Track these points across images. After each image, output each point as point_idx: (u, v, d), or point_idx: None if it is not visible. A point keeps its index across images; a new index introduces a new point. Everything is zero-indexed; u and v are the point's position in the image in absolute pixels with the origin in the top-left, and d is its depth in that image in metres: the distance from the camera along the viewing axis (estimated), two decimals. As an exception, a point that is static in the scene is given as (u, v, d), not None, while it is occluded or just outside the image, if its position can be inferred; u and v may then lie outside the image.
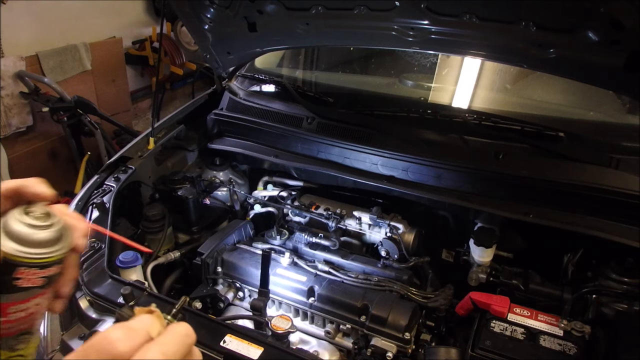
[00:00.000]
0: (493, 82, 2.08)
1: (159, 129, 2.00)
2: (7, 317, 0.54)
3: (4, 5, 3.07)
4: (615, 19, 1.13)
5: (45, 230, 0.54)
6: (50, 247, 0.54)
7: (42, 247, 0.53)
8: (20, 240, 0.52)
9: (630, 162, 1.47)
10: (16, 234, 0.52)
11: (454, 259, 1.74)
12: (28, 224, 0.53)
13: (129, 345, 0.41)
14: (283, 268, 1.59)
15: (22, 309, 0.55)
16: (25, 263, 0.52)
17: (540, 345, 1.22)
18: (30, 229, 0.53)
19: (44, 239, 0.53)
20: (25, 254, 0.52)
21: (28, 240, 0.53)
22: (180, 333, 0.43)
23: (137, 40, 4.37)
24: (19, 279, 0.53)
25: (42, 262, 0.53)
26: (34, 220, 0.54)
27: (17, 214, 0.54)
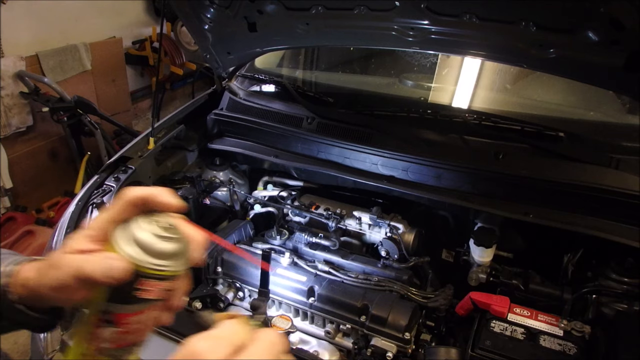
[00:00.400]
0: (493, 82, 2.08)
1: (159, 129, 2.00)
2: (124, 327, 0.53)
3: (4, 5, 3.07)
4: (615, 19, 1.13)
5: (170, 243, 0.52)
6: (173, 259, 0.52)
7: (166, 259, 0.52)
8: (146, 250, 0.51)
9: (630, 162, 1.47)
10: (142, 243, 0.51)
11: (454, 259, 1.74)
12: (155, 234, 0.52)
13: (216, 356, 0.40)
14: (283, 268, 1.59)
15: (139, 320, 0.54)
16: (148, 274, 0.51)
17: (540, 345, 1.22)
18: (156, 240, 0.51)
19: (168, 251, 0.52)
20: (150, 265, 0.51)
21: (154, 251, 0.51)
22: (269, 341, 0.42)
23: (137, 40, 4.38)
24: (139, 290, 0.51)
25: (164, 274, 0.52)
26: (161, 230, 0.52)
27: (143, 222, 0.52)
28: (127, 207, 0.54)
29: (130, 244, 0.51)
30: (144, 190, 0.54)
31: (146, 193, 0.54)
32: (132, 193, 0.54)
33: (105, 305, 0.52)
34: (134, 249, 0.51)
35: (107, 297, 0.52)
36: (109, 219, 0.54)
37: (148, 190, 0.54)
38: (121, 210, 0.54)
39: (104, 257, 0.51)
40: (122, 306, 0.52)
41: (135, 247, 0.51)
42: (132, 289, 0.51)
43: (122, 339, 0.54)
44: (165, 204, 0.54)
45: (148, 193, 0.54)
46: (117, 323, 0.53)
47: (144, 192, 0.54)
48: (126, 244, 0.51)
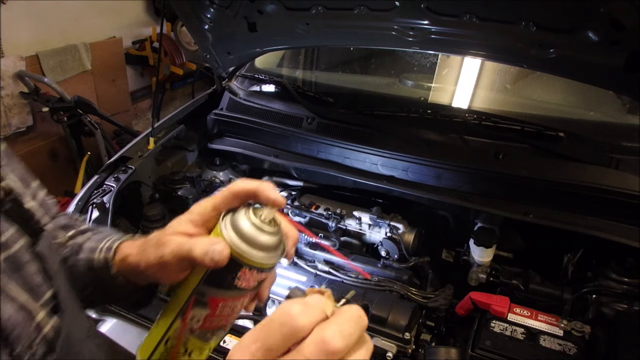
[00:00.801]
0: (493, 82, 2.08)
1: (159, 129, 2.00)
2: (216, 310, 0.55)
3: (4, 5, 3.07)
4: (615, 19, 1.13)
5: (272, 236, 0.54)
6: (272, 252, 0.54)
7: (266, 252, 0.54)
8: (249, 241, 0.53)
9: (630, 162, 1.47)
10: (246, 234, 0.53)
11: (454, 259, 1.74)
12: (258, 227, 0.53)
13: (308, 319, 0.42)
14: (283, 268, 1.59)
15: (231, 306, 0.56)
16: (249, 264, 0.53)
17: (540, 345, 1.22)
18: (259, 232, 0.53)
19: (269, 244, 0.54)
20: (252, 256, 0.52)
21: (256, 243, 0.53)
22: (354, 315, 0.43)
23: (137, 40, 4.38)
24: (238, 278, 0.53)
25: (263, 266, 0.54)
26: (264, 224, 0.54)
27: (247, 214, 0.54)
28: (232, 197, 0.57)
29: (235, 233, 0.53)
30: (252, 184, 0.56)
31: (254, 187, 0.56)
32: (240, 185, 0.57)
33: (202, 287, 0.54)
34: (238, 238, 0.53)
35: (205, 280, 0.54)
36: (213, 207, 0.57)
37: (256, 184, 0.56)
38: (226, 200, 0.57)
39: (209, 240, 0.53)
40: (217, 290, 0.54)
41: (239, 237, 0.53)
42: (231, 276, 0.53)
43: (211, 321, 0.56)
44: (271, 199, 0.56)
45: (256, 187, 0.56)
46: (210, 306, 0.55)
47: (252, 186, 0.56)
48: (231, 232, 0.53)
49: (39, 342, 0.50)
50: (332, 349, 0.40)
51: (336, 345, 0.40)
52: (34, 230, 0.55)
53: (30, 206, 0.58)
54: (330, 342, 0.40)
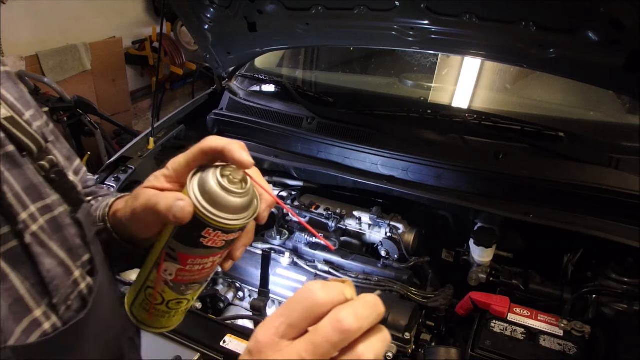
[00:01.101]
0: (493, 82, 2.08)
1: (159, 129, 2.00)
2: (185, 267, 0.57)
3: (4, 5, 3.07)
4: (615, 19, 1.13)
5: (238, 197, 0.53)
6: (239, 214, 0.54)
7: (232, 214, 0.53)
8: (214, 203, 0.52)
9: (630, 162, 1.47)
10: (212, 195, 0.52)
11: (454, 259, 1.74)
12: (225, 188, 0.53)
13: (327, 297, 0.43)
14: (283, 268, 1.59)
15: (199, 263, 0.57)
16: (213, 225, 0.53)
17: (540, 345, 1.22)
18: (226, 194, 0.53)
19: (235, 205, 0.53)
20: (216, 217, 0.52)
21: (222, 205, 0.53)
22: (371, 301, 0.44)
23: (137, 40, 4.38)
24: (204, 237, 0.54)
25: (228, 227, 0.54)
26: (231, 185, 0.53)
27: (214, 174, 0.54)
28: (202, 155, 0.56)
29: (200, 192, 0.53)
30: (220, 142, 0.55)
31: (221, 146, 0.55)
32: (209, 143, 0.56)
33: (172, 242, 0.56)
34: (203, 197, 0.52)
35: (173, 236, 0.55)
36: (186, 163, 0.57)
37: (224, 143, 0.55)
38: (196, 157, 0.56)
39: (174, 196, 0.53)
40: (185, 247, 0.55)
41: (203, 196, 0.53)
42: (196, 234, 0.54)
43: (183, 275, 0.58)
44: (237, 160, 0.55)
45: (223, 146, 0.55)
46: (180, 261, 0.56)
47: (220, 145, 0.55)
48: (197, 191, 0.53)
49: (75, 297, 0.54)
50: (346, 327, 0.41)
51: (350, 324, 0.41)
52: (74, 200, 0.60)
53: (73, 179, 0.62)
54: (345, 321, 0.41)
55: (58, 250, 0.53)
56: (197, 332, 1.18)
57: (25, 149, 0.53)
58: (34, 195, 0.52)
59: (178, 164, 0.58)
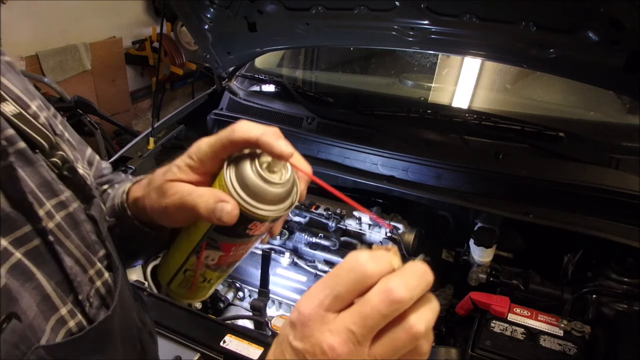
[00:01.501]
0: (493, 82, 2.08)
1: (159, 129, 2.00)
2: (228, 253, 0.57)
3: (4, 5, 3.07)
4: (615, 19, 1.13)
5: (281, 187, 0.52)
6: (284, 202, 0.53)
7: (277, 204, 0.52)
8: (259, 197, 0.51)
9: (630, 162, 1.47)
10: (256, 189, 0.51)
11: (454, 259, 1.74)
12: (267, 180, 0.51)
13: (376, 267, 0.41)
14: (283, 268, 1.59)
15: (243, 248, 0.57)
16: (260, 219, 0.52)
17: (540, 345, 1.22)
18: (269, 187, 0.51)
19: (280, 195, 0.52)
20: (264, 212, 0.51)
21: (267, 198, 0.51)
22: (420, 270, 0.42)
23: (137, 40, 4.38)
24: (250, 229, 0.53)
25: (275, 217, 0.53)
26: (272, 175, 0.51)
27: (253, 165, 0.51)
28: (232, 146, 0.53)
29: (242, 188, 0.51)
30: (253, 133, 0.51)
31: (255, 137, 0.51)
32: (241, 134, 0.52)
33: (213, 234, 0.54)
34: (246, 193, 0.51)
35: (214, 229, 0.54)
36: (213, 153, 0.54)
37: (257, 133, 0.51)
38: (225, 147, 0.53)
39: (216, 197, 0.51)
40: (230, 238, 0.54)
41: (247, 193, 0.51)
42: (242, 227, 0.53)
43: (226, 259, 0.58)
44: (277, 153, 0.51)
45: (257, 138, 0.51)
46: (223, 249, 0.56)
47: (253, 136, 0.51)
48: (239, 188, 0.51)
49: (94, 294, 0.53)
50: (397, 297, 0.39)
51: (401, 294, 0.39)
52: (86, 195, 0.58)
53: (83, 173, 0.60)
54: (395, 291, 0.39)
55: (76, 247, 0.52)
56: (197, 332, 1.18)
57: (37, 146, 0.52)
58: (49, 192, 0.51)
59: (204, 153, 0.55)
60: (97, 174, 0.75)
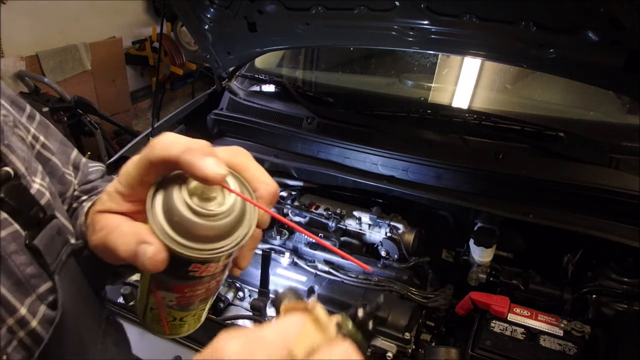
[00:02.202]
0: (493, 82, 2.08)
1: (159, 129, 2.00)
2: (184, 294, 0.47)
3: (4, 5, 3.07)
4: (615, 19, 1.13)
5: (222, 219, 0.40)
6: (228, 237, 0.41)
7: (218, 241, 0.41)
8: (188, 234, 0.40)
9: (630, 162, 1.47)
10: (186, 226, 0.40)
11: (454, 259, 1.74)
12: (200, 214, 0.40)
13: None
14: (283, 268, 1.59)
15: (200, 288, 0.47)
16: (199, 260, 0.41)
17: (540, 345, 1.22)
18: (204, 221, 0.40)
19: (221, 230, 0.41)
20: (200, 253, 0.40)
21: (202, 235, 0.40)
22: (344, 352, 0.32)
23: (137, 40, 4.38)
24: (194, 271, 0.43)
25: (220, 256, 0.42)
26: (206, 204, 0.40)
27: (180, 195, 0.41)
28: (152, 168, 0.43)
29: (170, 223, 0.40)
30: (172, 151, 0.41)
31: (174, 156, 0.40)
32: (157, 153, 0.42)
33: (160, 276, 0.44)
34: (175, 231, 0.40)
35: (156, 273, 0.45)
36: (138, 177, 0.44)
37: (177, 152, 0.40)
38: (149, 170, 0.43)
39: (137, 238, 0.41)
40: (177, 280, 0.45)
41: (177, 229, 0.40)
42: (184, 270, 0.43)
43: (186, 299, 0.48)
44: (200, 177, 0.40)
45: (177, 156, 0.40)
46: (176, 291, 0.46)
47: (172, 155, 0.41)
48: (165, 224, 0.40)
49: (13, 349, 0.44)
50: None
51: None
52: (31, 219, 0.48)
53: (38, 190, 0.50)
54: None
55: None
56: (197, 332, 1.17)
57: None
58: None
59: (131, 177, 0.44)
60: (83, 179, 0.66)
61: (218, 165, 0.40)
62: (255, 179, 0.45)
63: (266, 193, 0.45)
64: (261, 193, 0.45)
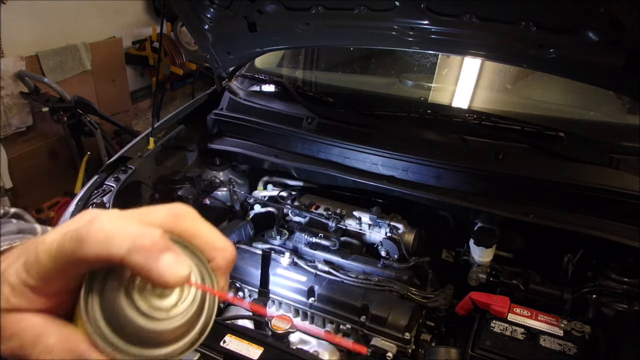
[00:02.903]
0: (493, 82, 2.08)
1: (159, 129, 2.00)
2: None
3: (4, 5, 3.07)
4: (615, 19, 1.13)
5: (181, 318, 0.34)
6: (188, 335, 0.36)
7: (176, 343, 0.35)
8: (141, 342, 0.33)
9: (630, 162, 1.47)
10: (133, 331, 0.33)
11: (454, 259, 1.74)
12: (150, 316, 0.33)
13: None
14: (283, 268, 1.59)
15: None
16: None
17: (540, 345, 1.22)
18: (155, 324, 0.33)
19: (178, 334, 0.35)
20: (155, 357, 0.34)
21: (155, 340, 0.34)
22: None
23: (137, 40, 4.37)
24: None
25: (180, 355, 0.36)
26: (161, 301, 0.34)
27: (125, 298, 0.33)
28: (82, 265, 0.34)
29: (115, 329, 0.33)
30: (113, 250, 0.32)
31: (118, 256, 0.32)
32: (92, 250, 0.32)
33: None
34: (121, 338, 0.33)
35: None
36: (56, 271, 0.34)
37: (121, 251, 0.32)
38: (74, 266, 0.34)
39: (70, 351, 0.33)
40: None
41: (122, 336, 0.33)
42: None
43: None
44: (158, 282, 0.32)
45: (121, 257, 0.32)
46: None
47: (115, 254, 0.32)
48: (107, 329, 0.33)
49: None
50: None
51: None
52: None
53: None
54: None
55: None
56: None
57: None
58: None
59: (45, 270, 0.34)
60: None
61: (179, 263, 0.33)
62: (208, 246, 0.38)
63: (224, 262, 0.38)
64: (218, 263, 0.38)
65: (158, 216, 0.36)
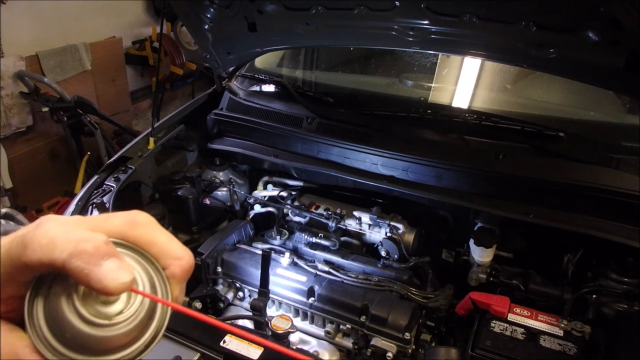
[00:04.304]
0: (493, 82, 2.08)
1: (159, 129, 2.00)
2: None
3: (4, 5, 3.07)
4: (615, 19, 1.13)
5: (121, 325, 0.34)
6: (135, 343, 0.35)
7: (122, 350, 0.34)
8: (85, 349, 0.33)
9: (630, 162, 1.47)
10: (82, 342, 0.33)
11: (454, 259, 1.74)
12: (100, 325, 0.33)
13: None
14: (283, 268, 1.59)
15: None
16: None
17: (540, 345, 1.22)
18: (105, 332, 0.33)
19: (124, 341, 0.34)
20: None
21: (99, 348, 0.33)
22: None
23: (137, 40, 4.37)
24: None
25: None
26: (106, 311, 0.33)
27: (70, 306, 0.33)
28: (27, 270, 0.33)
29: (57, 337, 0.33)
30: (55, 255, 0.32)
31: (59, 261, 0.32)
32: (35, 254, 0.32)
33: None
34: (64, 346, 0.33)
35: None
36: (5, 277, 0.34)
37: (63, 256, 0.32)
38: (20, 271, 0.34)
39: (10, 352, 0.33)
40: None
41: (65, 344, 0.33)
42: None
43: None
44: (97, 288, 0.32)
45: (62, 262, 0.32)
46: None
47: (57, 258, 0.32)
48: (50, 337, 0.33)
49: None
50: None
51: None
52: None
53: None
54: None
55: None
56: (197, 332, 1.18)
57: None
58: None
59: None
60: None
61: (120, 270, 0.32)
62: (164, 254, 0.37)
63: (179, 270, 0.38)
64: (173, 271, 0.38)
65: (113, 223, 0.36)
